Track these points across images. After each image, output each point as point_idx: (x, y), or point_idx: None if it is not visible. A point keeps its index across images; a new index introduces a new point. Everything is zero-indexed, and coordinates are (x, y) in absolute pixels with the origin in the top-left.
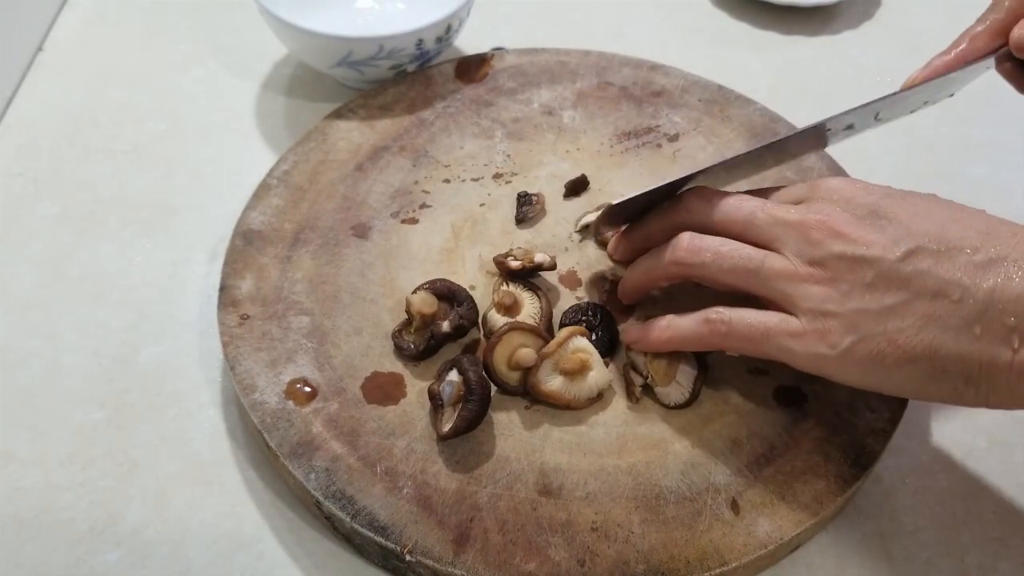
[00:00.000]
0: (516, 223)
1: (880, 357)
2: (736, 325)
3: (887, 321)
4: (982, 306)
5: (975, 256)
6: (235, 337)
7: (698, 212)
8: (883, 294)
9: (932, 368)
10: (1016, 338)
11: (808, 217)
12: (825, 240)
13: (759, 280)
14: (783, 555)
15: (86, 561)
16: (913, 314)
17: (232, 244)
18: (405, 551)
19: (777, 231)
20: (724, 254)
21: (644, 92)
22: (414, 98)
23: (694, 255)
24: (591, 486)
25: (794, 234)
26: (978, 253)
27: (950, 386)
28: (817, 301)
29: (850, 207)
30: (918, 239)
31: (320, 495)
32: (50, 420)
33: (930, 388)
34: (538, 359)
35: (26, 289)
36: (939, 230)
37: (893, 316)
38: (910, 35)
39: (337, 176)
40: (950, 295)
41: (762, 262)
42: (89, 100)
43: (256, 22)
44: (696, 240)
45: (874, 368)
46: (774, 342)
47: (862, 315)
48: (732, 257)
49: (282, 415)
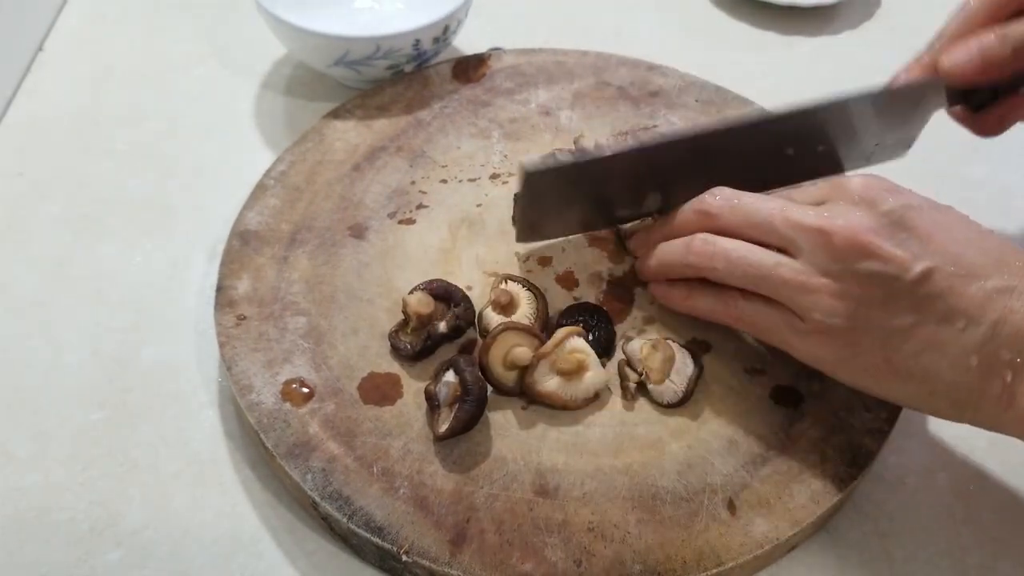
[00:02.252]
0: (513, 223)
1: (873, 371)
2: (746, 314)
3: (888, 341)
4: (983, 338)
5: (987, 284)
6: (232, 338)
7: (719, 215)
8: (892, 314)
9: (921, 389)
10: (1010, 372)
11: (828, 223)
12: (843, 251)
13: (768, 286)
14: (780, 555)
15: (86, 561)
16: (916, 338)
17: (229, 245)
18: (402, 551)
19: (795, 235)
20: (734, 260)
21: (641, 92)
22: (411, 98)
23: (705, 259)
24: (588, 486)
25: (812, 240)
26: (989, 281)
27: (935, 405)
28: (824, 314)
29: (873, 212)
30: (936, 258)
31: (317, 495)
32: (50, 420)
33: (917, 403)
34: (534, 359)
35: (26, 289)
36: (957, 251)
37: (895, 337)
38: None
39: (334, 176)
40: (955, 323)
41: (772, 269)
42: (89, 100)
43: (256, 22)
44: (707, 245)
45: (864, 378)
46: (778, 336)
47: (865, 333)
48: (742, 264)
49: (279, 415)
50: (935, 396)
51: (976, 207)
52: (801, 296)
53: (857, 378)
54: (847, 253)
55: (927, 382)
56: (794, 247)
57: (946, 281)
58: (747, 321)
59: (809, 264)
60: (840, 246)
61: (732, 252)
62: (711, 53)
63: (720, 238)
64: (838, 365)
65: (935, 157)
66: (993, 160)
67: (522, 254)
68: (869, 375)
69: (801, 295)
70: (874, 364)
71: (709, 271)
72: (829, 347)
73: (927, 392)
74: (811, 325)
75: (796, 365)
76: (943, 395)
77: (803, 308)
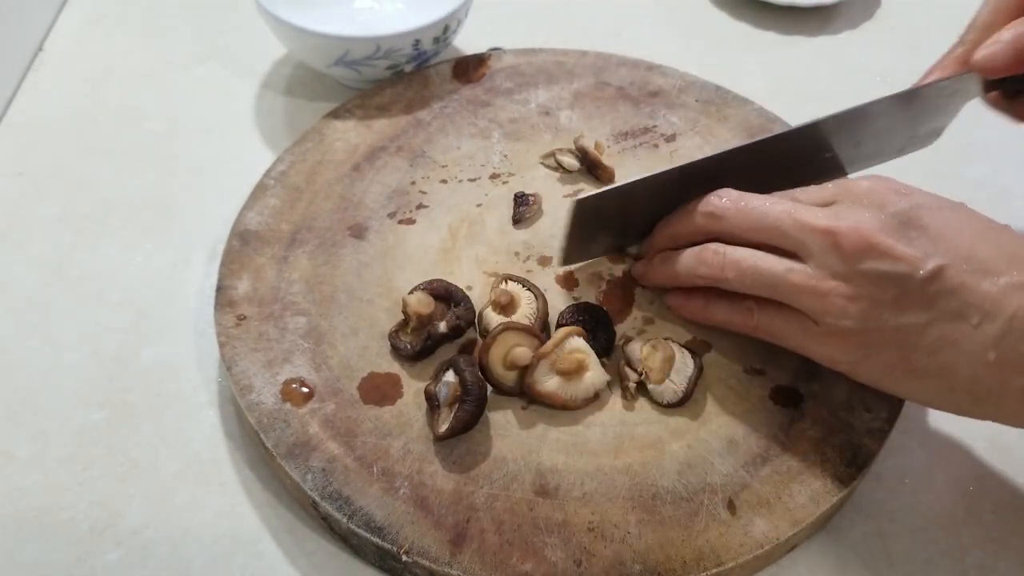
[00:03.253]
0: (513, 223)
1: (890, 370)
2: (762, 322)
3: (903, 340)
4: (1000, 333)
5: (1000, 280)
6: (232, 338)
7: (725, 217)
8: (904, 313)
9: (940, 386)
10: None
11: (837, 224)
12: (853, 252)
13: (780, 293)
14: (779, 555)
15: (86, 561)
16: (930, 336)
17: (229, 245)
18: (402, 551)
19: (804, 238)
20: (745, 269)
21: (641, 92)
22: (411, 98)
23: (716, 270)
24: (588, 486)
25: (821, 242)
26: (1003, 277)
27: (955, 402)
28: (836, 316)
29: (882, 212)
30: (947, 256)
31: (317, 495)
32: (50, 420)
33: (936, 401)
34: (534, 359)
35: (26, 289)
36: (968, 248)
37: (910, 335)
38: (910, 35)
39: (334, 176)
40: (970, 319)
41: (783, 276)
42: (89, 100)
43: (256, 22)
44: (718, 255)
45: (883, 378)
46: (795, 341)
47: (879, 333)
48: (752, 272)
49: (279, 415)
50: (955, 392)
51: (976, 207)
52: (813, 300)
53: (876, 378)
54: (857, 254)
55: (945, 379)
56: (804, 250)
57: (958, 278)
58: (764, 329)
59: (819, 267)
60: (849, 247)
61: (743, 261)
62: (711, 53)
63: (730, 247)
64: (856, 366)
65: (935, 157)
66: (993, 160)
67: (522, 254)
68: (887, 374)
69: (813, 299)
70: (891, 363)
71: (721, 281)
72: (845, 349)
73: (947, 389)
74: (825, 328)
75: (796, 365)
76: (963, 391)
77: (816, 312)
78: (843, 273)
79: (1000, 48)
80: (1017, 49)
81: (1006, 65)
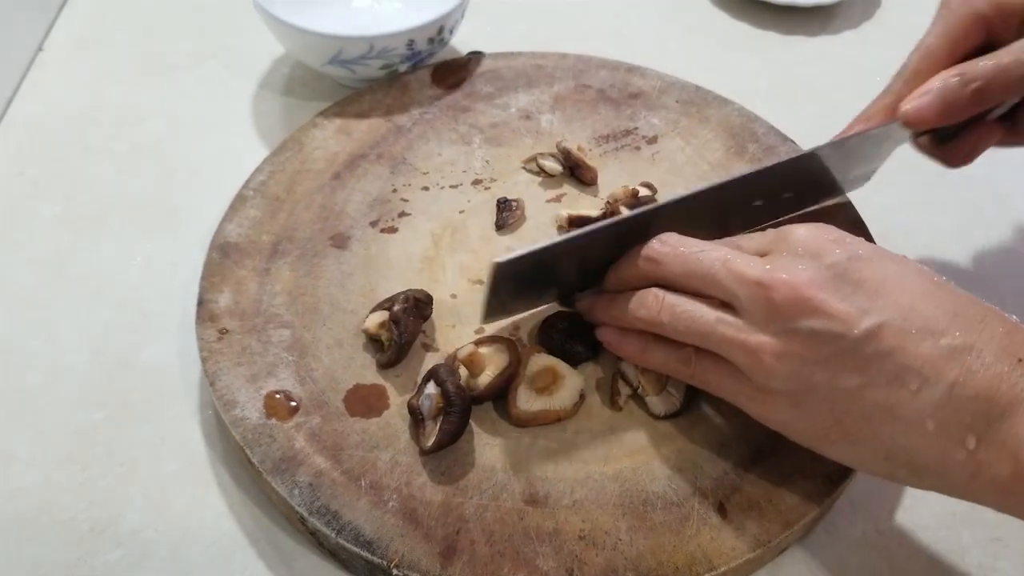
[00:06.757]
0: (496, 229)
1: (824, 433)
2: (698, 372)
3: (835, 403)
4: (939, 401)
5: (941, 341)
6: (214, 352)
7: (663, 262)
8: (837, 374)
9: (876, 454)
10: (972, 438)
11: (770, 276)
12: (784, 306)
13: (711, 343)
14: (771, 558)
15: (86, 561)
16: (864, 400)
17: (209, 257)
18: (392, 565)
19: (736, 289)
20: (678, 315)
21: (621, 94)
22: (390, 105)
23: (654, 314)
24: (578, 494)
25: (753, 294)
26: (944, 337)
27: (891, 472)
28: (763, 376)
29: (817, 264)
30: (885, 313)
31: (304, 511)
32: (50, 420)
33: (873, 469)
34: (512, 390)
35: (26, 289)
36: (909, 305)
37: (842, 399)
38: (910, 35)
39: (314, 186)
40: (908, 384)
41: (713, 326)
42: (89, 100)
43: (255, 22)
44: (656, 301)
45: (816, 440)
46: (730, 394)
47: (810, 394)
48: (684, 319)
49: (264, 430)
50: (890, 461)
51: (976, 207)
52: (742, 355)
53: (809, 441)
54: (788, 309)
55: (880, 447)
56: (736, 301)
57: (896, 339)
58: (700, 379)
59: (750, 321)
60: (780, 302)
61: (676, 307)
62: (711, 53)
63: (669, 293)
64: (787, 427)
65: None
66: (993, 160)
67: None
68: (821, 437)
69: (742, 354)
70: (823, 427)
71: (658, 325)
72: (775, 409)
73: (881, 457)
74: (756, 384)
75: None
76: (899, 461)
77: (745, 368)
78: (773, 329)
79: (927, 101)
80: (945, 102)
81: (934, 117)
